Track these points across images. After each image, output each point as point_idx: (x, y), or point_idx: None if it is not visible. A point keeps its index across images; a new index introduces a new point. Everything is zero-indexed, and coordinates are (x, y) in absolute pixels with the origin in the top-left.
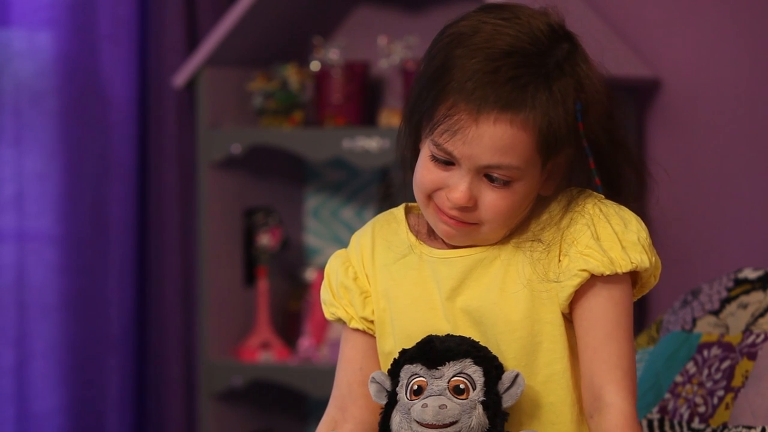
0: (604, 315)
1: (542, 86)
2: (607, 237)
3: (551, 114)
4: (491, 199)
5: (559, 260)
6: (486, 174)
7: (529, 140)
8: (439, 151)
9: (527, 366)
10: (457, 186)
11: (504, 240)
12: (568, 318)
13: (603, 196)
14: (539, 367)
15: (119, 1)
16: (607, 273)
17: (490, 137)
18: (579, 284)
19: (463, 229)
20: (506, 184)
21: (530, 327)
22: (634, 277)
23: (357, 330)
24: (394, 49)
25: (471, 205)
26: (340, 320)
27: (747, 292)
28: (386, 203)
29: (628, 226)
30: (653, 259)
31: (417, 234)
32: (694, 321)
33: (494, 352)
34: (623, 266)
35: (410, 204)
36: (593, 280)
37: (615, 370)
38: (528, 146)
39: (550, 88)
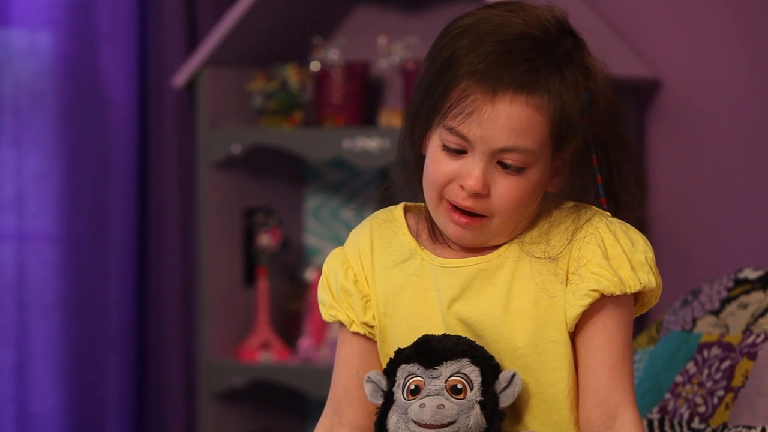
0: (618, 334)
1: (554, 71)
2: (616, 256)
3: (564, 98)
4: (504, 187)
5: (567, 278)
6: (499, 161)
7: (544, 123)
8: (451, 136)
9: (532, 385)
10: (471, 172)
11: (507, 249)
12: (571, 336)
13: (609, 214)
14: (544, 387)
15: (119, 1)
16: (618, 293)
17: (507, 117)
18: (589, 304)
19: (474, 226)
20: (519, 171)
21: (535, 346)
22: (636, 296)
23: (356, 333)
24: (394, 49)
25: (485, 193)
26: (339, 322)
27: (747, 292)
28: (386, 204)
29: (635, 245)
30: (658, 279)
31: (417, 237)
32: (695, 321)
33: None
34: (632, 286)
35: (409, 204)
36: (603, 299)
37: (631, 391)
38: (542, 129)
39: (561, 73)
